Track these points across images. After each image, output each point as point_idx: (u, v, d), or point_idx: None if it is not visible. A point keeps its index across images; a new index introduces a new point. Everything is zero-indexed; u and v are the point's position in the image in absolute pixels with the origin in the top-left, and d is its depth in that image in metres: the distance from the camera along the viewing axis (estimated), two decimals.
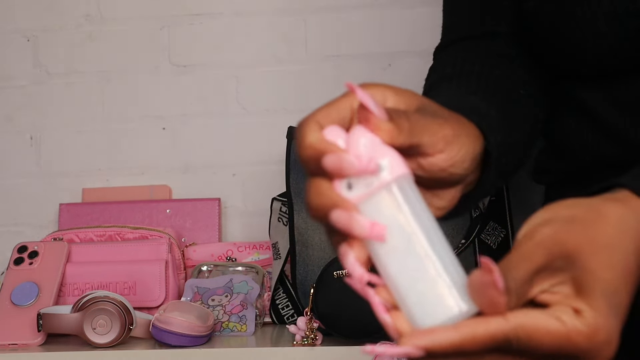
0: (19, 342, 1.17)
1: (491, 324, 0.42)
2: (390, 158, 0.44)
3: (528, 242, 0.45)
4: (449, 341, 0.42)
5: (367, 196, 0.44)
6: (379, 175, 0.44)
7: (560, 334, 0.43)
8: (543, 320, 0.43)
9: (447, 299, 0.43)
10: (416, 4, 1.54)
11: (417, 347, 0.42)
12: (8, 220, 1.62)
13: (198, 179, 1.59)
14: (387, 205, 0.44)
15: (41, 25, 1.63)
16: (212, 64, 1.59)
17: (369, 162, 0.44)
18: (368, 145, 0.44)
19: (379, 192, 0.44)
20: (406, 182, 0.45)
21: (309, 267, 1.16)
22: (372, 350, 0.43)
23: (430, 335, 0.42)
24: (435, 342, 0.42)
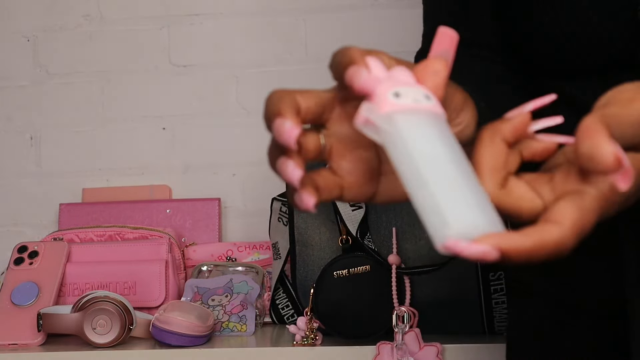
0: (19, 342, 1.17)
1: (553, 231, 0.42)
2: (434, 95, 0.45)
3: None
4: (523, 247, 0.41)
5: (412, 109, 0.44)
6: (424, 101, 0.45)
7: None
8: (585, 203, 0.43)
9: (477, 214, 0.42)
10: (416, 4, 1.53)
11: (496, 248, 0.41)
12: (8, 220, 1.62)
13: (198, 179, 1.59)
14: (428, 125, 0.44)
15: (41, 25, 1.63)
16: (212, 64, 1.59)
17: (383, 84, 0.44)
18: (411, 79, 0.46)
19: (423, 111, 0.44)
20: (444, 121, 0.45)
21: (309, 267, 1.16)
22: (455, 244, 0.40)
23: (507, 239, 0.41)
24: (511, 245, 0.41)
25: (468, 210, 0.42)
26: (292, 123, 0.45)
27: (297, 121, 0.45)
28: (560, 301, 0.75)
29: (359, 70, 0.45)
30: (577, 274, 0.73)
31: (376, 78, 0.45)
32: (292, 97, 0.47)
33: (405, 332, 1.06)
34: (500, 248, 0.41)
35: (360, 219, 1.12)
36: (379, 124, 0.44)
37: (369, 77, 0.44)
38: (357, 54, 0.46)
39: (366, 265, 1.10)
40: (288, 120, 0.45)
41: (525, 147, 0.48)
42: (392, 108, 0.44)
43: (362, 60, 0.46)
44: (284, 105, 0.46)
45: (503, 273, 1.10)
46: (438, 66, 0.46)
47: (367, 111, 0.45)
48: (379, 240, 1.12)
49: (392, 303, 1.08)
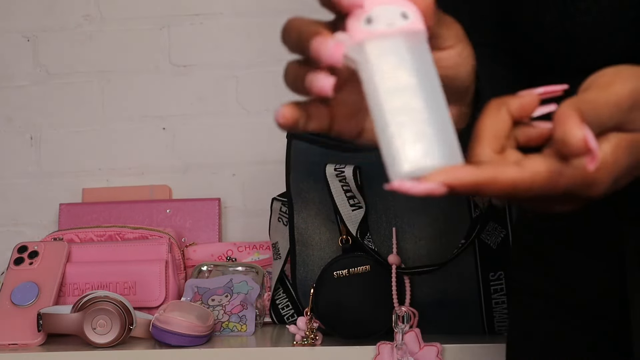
0: (19, 342, 1.17)
1: (510, 170, 0.44)
2: (412, 12, 0.45)
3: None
4: (472, 180, 0.43)
5: (383, 35, 0.44)
6: (401, 21, 0.44)
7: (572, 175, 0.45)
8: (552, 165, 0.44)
9: (433, 149, 0.43)
10: None
11: (442, 184, 0.42)
12: (8, 220, 1.62)
13: (198, 179, 1.59)
14: (398, 50, 0.44)
15: (41, 25, 1.63)
16: (212, 64, 1.59)
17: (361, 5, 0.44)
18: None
19: (394, 36, 0.44)
20: (422, 37, 0.45)
21: (309, 267, 1.16)
22: (400, 185, 0.42)
23: (456, 173, 0.42)
24: (458, 180, 0.42)
25: (424, 146, 0.42)
26: (334, 40, 0.45)
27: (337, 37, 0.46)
28: (560, 301, 0.75)
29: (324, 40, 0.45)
30: (577, 274, 0.73)
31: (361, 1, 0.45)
32: (313, 22, 0.48)
33: (405, 332, 1.06)
34: (448, 183, 0.42)
35: (360, 219, 1.12)
36: (350, 55, 0.45)
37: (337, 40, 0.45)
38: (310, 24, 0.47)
39: (366, 265, 1.10)
40: (329, 38, 0.45)
41: (521, 132, 0.48)
42: (362, 36, 0.44)
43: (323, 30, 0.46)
44: (319, 26, 0.47)
45: (503, 273, 1.10)
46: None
47: (339, 41, 0.45)
48: (379, 240, 1.12)
49: (392, 303, 1.08)
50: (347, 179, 1.12)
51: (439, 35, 0.50)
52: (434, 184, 0.41)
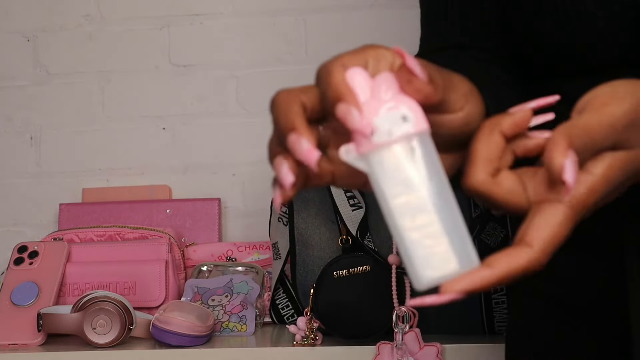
0: (19, 342, 1.17)
1: (521, 256, 0.44)
2: (413, 112, 0.45)
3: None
4: (489, 281, 0.44)
5: (385, 145, 0.45)
6: (401, 127, 0.45)
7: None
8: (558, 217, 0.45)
9: (449, 257, 0.44)
10: (416, 4, 1.53)
11: (460, 292, 0.43)
12: (8, 220, 1.62)
13: (198, 179, 1.59)
14: (403, 158, 0.45)
15: (41, 25, 1.63)
16: (212, 64, 1.59)
17: (367, 125, 0.45)
18: (392, 95, 0.46)
19: (397, 144, 0.45)
20: (426, 137, 0.46)
21: (309, 267, 1.16)
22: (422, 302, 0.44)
23: (469, 279, 0.44)
24: (475, 285, 0.44)
25: (440, 258, 0.44)
26: (309, 143, 0.45)
27: (312, 138, 0.46)
28: (560, 301, 0.75)
29: (349, 112, 0.45)
30: (577, 274, 0.73)
31: (367, 121, 0.45)
32: (299, 102, 0.47)
33: (405, 332, 1.06)
34: (466, 290, 0.44)
35: (360, 219, 1.12)
36: (357, 166, 0.46)
37: (360, 120, 0.45)
38: (341, 82, 0.46)
39: (366, 265, 1.10)
40: (305, 139, 0.45)
41: (518, 144, 0.49)
42: (365, 149, 0.45)
43: (348, 90, 0.45)
44: (296, 118, 0.46)
45: None
46: (425, 89, 0.46)
47: (345, 153, 0.46)
48: (379, 240, 1.12)
49: (392, 303, 1.08)
50: None
51: (447, 101, 0.49)
52: (452, 294, 0.43)
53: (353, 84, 0.46)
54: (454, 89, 0.50)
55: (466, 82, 0.52)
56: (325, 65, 0.47)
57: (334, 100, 0.45)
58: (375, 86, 0.46)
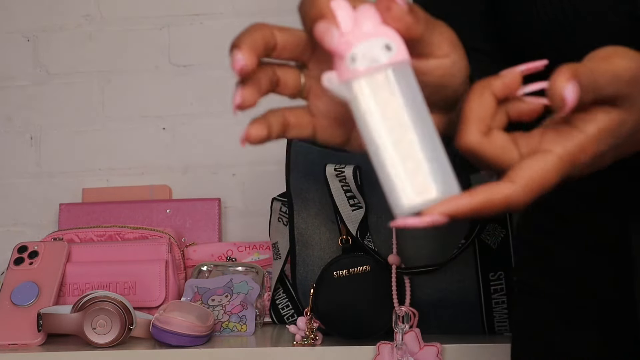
0: (19, 342, 1.17)
1: (502, 190, 0.45)
2: (396, 42, 0.45)
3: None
4: (469, 207, 0.45)
5: (367, 72, 0.45)
6: (383, 55, 0.45)
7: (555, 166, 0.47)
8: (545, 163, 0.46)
9: (430, 183, 0.45)
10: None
11: (442, 214, 0.44)
12: (8, 220, 1.62)
13: (198, 179, 1.59)
14: (384, 86, 0.45)
15: (41, 25, 1.63)
16: (212, 64, 1.60)
17: (345, 44, 0.45)
18: (374, 26, 0.46)
19: (379, 71, 0.45)
20: (406, 67, 0.46)
21: (309, 267, 1.16)
22: (404, 222, 0.44)
23: (450, 203, 0.44)
24: (458, 209, 0.44)
25: (421, 182, 0.45)
26: (244, 56, 0.48)
27: (251, 55, 0.48)
28: (565, 301, 0.74)
29: (329, 29, 0.46)
30: (583, 273, 0.73)
31: (345, 40, 0.45)
32: (268, 31, 0.49)
33: (405, 332, 1.06)
34: (447, 214, 0.44)
35: (360, 219, 1.12)
36: (339, 93, 0.46)
37: (340, 39, 0.45)
38: (324, 3, 0.46)
39: (366, 265, 1.10)
40: (240, 52, 0.48)
41: (513, 107, 0.49)
42: (347, 76, 0.45)
43: (330, 11, 0.46)
44: (246, 38, 0.49)
45: (503, 273, 1.10)
46: (405, 17, 0.47)
47: (327, 81, 0.46)
48: (379, 240, 1.12)
49: (392, 303, 1.08)
50: (347, 179, 1.12)
51: (431, 42, 0.49)
52: (434, 216, 0.44)
53: (336, 12, 0.46)
54: (438, 32, 0.50)
55: (451, 31, 0.52)
56: None
57: (315, 18, 0.46)
58: (357, 17, 0.46)
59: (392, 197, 0.45)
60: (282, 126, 0.50)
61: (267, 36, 0.49)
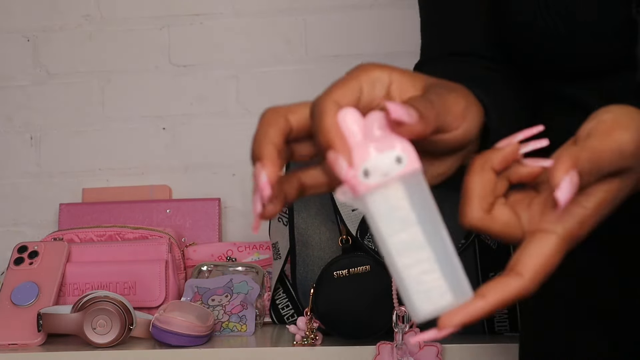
0: (19, 342, 1.17)
1: (512, 285, 0.46)
2: (406, 152, 0.46)
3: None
4: (483, 311, 0.46)
5: (380, 186, 0.46)
6: (394, 168, 0.46)
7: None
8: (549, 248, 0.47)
9: (444, 290, 0.46)
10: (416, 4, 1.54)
11: (457, 326, 0.45)
12: (8, 220, 1.62)
13: (198, 179, 1.59)
14: (397, 198, 0.47)
15: (41, 25, 1.63)
16: (212, 64, 1.60)
17: (353, 177, 0.46)
18: (384, 136, 0.47)
19: (391, 184, 0.46)
20: (418, 176, 0.47)
21: (309, 267, 1.16)
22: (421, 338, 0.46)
23: (465, 312, 0.46)
24: (471, 317, 0.46)
25: (436, 292, 0.46)
26: (267, 177, 0.47)
27: (276, 169, 0.47)
28: (575, 302, 0.74)
29: (338, 162, 0.46)
30: (593, 275, 0.73)
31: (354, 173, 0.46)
32: (281, 125, 0.48)
33: (405, 332, 1.06)
34: (463, 324, 0.46)
35: (360, 219, 1.12)
36: (354, 205, 0.47)
37: (347, 172, 0.46)
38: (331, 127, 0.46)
39: (366, 265, 1.10)
40: (264, 172, 0.47)
41: (513, 172, 0.50)
42: (362, 191, 0.46)
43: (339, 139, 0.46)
44: (266, 147, 0.47)
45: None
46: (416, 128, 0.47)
47: (342, 195, 0.47)
48: None
49: (392, 303, 1.08)
50: None
51: (442, 125, 0.50)
52: (450, 328, 0.46)
53: (344, 126, 0.46)
54: (449, 112, 0.50)
55: (461, 100, 0.52)
56: (318, 102, 0.47)
57: (325, 146, 0.46)
58: (367, 125, 0.47)
59: (408, 305, 0.47)
60: (298, 191, 0.50)
61: (283, 128, 0.49)
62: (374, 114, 0.47)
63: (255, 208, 0.48)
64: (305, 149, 0.51)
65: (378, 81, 0.49)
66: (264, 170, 0.47)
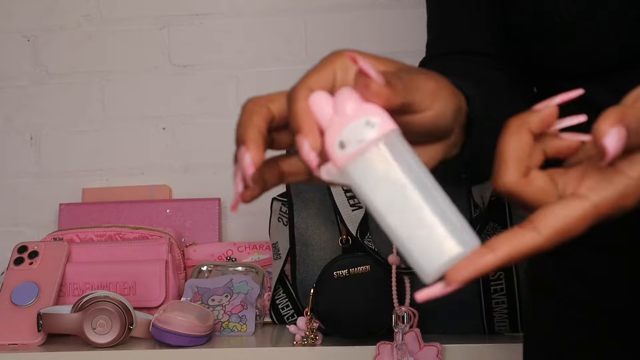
0: (19, 342, 1.17)
1: (525, 239, 0.44)
2: (378, 117, 0.46)
3: None
4: (493, 264, 0.44)
5: (358, 154, 0.46)
6: (368, 132, 0.46)
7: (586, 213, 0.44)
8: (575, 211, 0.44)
9: (447, 242, 0.45)
10: (416, 4, 1.54)
11: (465, 281, 0.44)
12: (8, 220, 1.62)
13: (198, 179, 1.59)
14: (378, 161, 0.46)
15: (41, 25, 1.63)
16: (212, 64, 1.59)
17: (313, 158, 0.46)
18: (354, 107, 0.46)
19: (369, 149, 0.46)
20: (395, 137, 0.46)
21: (309, 267, 1.16)
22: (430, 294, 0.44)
23: (472, 266, 0.44)
24: (479, 270, 0.44)
25: (440, 247, 0.45)
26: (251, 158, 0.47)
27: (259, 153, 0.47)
28: (582, 302, 0.74)
29: (303, 144, 0.46)
30: (601, 275, 0.73)
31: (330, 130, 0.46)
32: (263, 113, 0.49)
33: (405, 332, 1.06)
34: (471, 278, 0.44)
35: (360, 219, 1.12)
36: (341, 182, 0.47)
37: (309, 152, 0.46)
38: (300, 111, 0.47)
39: (366, 265, 1.10)
40: (249, 154, 0.47)
41: (549, 144, 0.48)
42: (341, 163, 0.46)
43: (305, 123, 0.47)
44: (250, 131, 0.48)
45: (503, 273, 1.10)
46: (383, 91, 0.47)
47: (326, 173, 0.47)
48: (379, 240, 1.12)
49: (392, 303, 1.08)
50: None
51: (412, 102, 0.49)
52: (458, 283, 0.44)
53: (315, 109, 0.47)
54: (418, 90, 0.50)
55: (431, 81, 0.51)
56: (292, 90, 0.48)
57: (295, 130, 0.47)
58: (337, 102, 0.47)
59: (415, 266, 0.45)
60: (277, 177, 0.51)
61: (265, 116, 0.49)
62: (342, 89, 0.47)
63: (237, 187, 0.48)
64: (285, 137, 0.52)
65: (351, 67, 0.49)
66: (248, 152, 0.47)
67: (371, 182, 0.46)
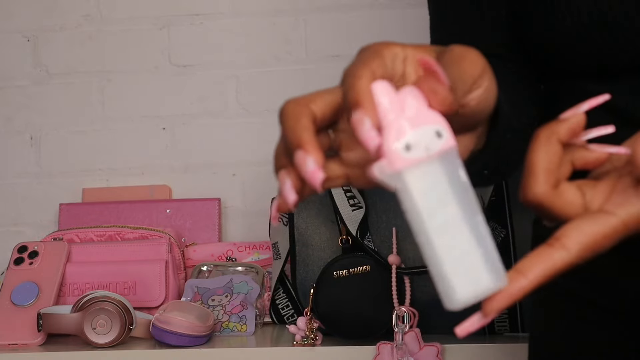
0: (19, 342, 1.17)
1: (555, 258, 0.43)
2: (447, 129, 0.45)
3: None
4: (525, 291, 0.43)
5: (422, 161, 0.44)
6: (436, 143, 0.44)
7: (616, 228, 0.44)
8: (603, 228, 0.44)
9: (484, 272, 0.44)
10: (416, 3, 1.54)
11: (501, 310, 0.44)
12: (8, 220, 1.62)
13: (198, 179, 1.59)
14: (436, 174, 0.44)
15: (41, 25, 1.63)
16: (212, 64, 1.59)
17: (372, 138, 0.44)
18: (422, 111, 0.45)
19: (432, 160, 0.44)
20: (455, 154, 0.45)
21: (309, 267, 1.16)
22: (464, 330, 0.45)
23: (508, 295, 0.43)
24: (514, 298, 0.43)
25: (474, 277, 0.44)
26: (315, 163, 0.44)
27: (319, 155, 0.45)
28: (591, 302, 0.74)
29: (363, 121, 0.44)
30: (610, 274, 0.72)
31: (376, 135, 0.44)
32: (308, 114, 0.47)
33: (405, 332, 1.06)
34: (506, 307, 0.43)
35: (360, 219, 1.12)
36: (390, 182, 0.45)
37: (369, 131, 0.44)
38: (365, 89, 0.44)
39: (366, 265, 1.10)
40: (311, 158, 0.45)
41: (577, 156, 0.47)
42: (402, 165, 0.44)
43: (369, 101, 0.44)
44: (304, 133, 0.45)
45: None
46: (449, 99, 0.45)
47: (379, 171, 0.45)
48: (379, 240, 1.12)
49: (392, 303, 1.08)
50: None
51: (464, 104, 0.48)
52: (495, 313, 0.44)
53: (378, 97, 0.45)
54: (464, 76, 0.48)
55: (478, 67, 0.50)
56: (353, 69, 0.46)
57: (353, 104, 0.44)
58: (405, 101, 0.45)
59: (444, 291, 0.44)
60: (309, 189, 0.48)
61: (311, 117, 0.47)
62: (408, 88, 0.46)
63: (287, 197, 0.46)
64: (323, 139, 0.50)
65: (397, 57, 0.48)
66: (309, 155, 0.44)
67: (424, 194, 0.44)
